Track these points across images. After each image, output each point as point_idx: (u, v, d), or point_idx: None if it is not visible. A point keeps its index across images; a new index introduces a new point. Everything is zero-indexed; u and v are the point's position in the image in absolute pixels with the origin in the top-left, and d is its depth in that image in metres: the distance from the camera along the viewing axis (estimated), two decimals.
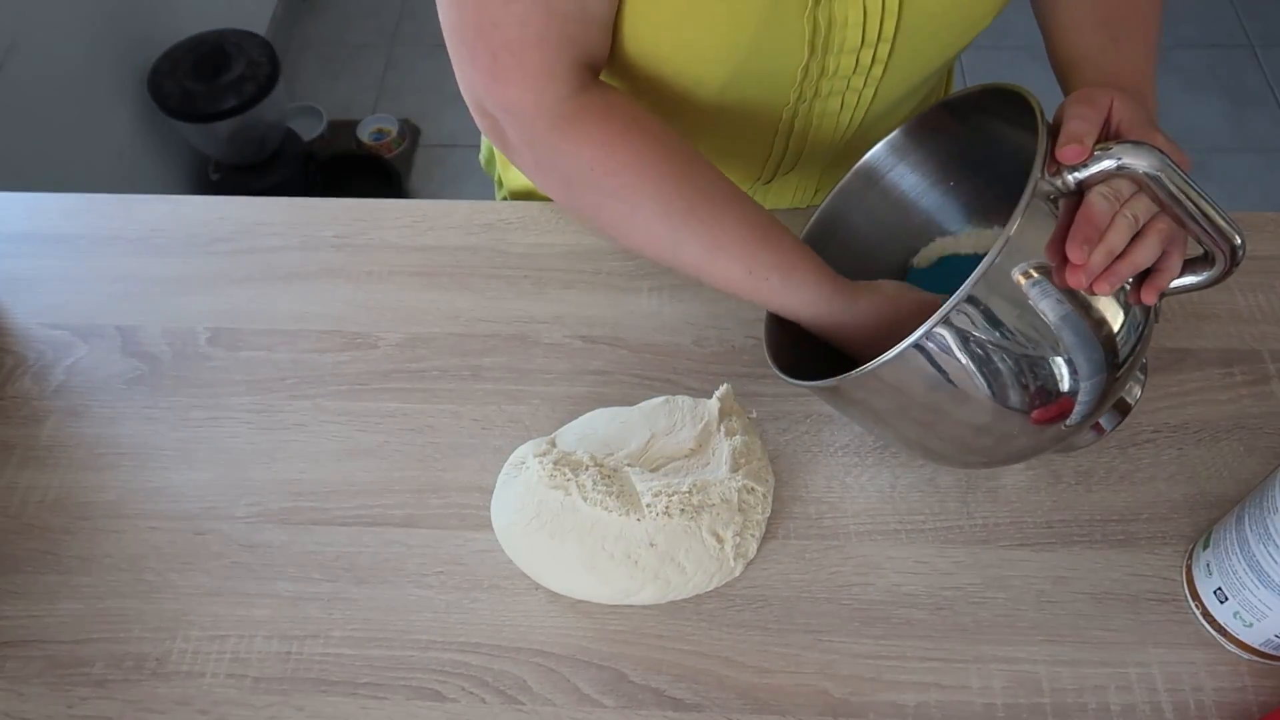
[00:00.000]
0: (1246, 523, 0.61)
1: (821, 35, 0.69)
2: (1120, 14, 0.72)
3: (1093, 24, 0.72)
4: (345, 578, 0.70)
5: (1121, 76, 0.68)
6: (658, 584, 0.66)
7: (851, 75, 0.73)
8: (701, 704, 0.64)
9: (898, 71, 0.74)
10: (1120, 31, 0.71)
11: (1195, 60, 2.45)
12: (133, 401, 0.79)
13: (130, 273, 0.87)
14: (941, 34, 0.73)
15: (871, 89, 0.76)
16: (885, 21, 0.69)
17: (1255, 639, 0.63)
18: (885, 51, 0.71)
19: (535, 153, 0.69)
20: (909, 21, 0.69)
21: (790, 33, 0.68)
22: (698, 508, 0.67)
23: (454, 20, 0.66)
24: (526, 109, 0.67)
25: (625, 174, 0.67)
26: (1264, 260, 0.84)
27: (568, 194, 0.71)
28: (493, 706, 0.64)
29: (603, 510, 0.66)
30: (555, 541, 0.67)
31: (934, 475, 0.73)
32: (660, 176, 0.67)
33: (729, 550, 0.67)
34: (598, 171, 0.67)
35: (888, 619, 0.67)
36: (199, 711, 0.65)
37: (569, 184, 0.70)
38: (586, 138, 0.67)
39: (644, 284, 0.84)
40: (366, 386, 0.79)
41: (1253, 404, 0.76)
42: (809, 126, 0.80)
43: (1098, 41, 0.71)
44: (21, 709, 0.65)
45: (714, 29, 0.68)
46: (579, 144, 0.67)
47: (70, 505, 0.74)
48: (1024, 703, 0.64)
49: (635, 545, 0.66)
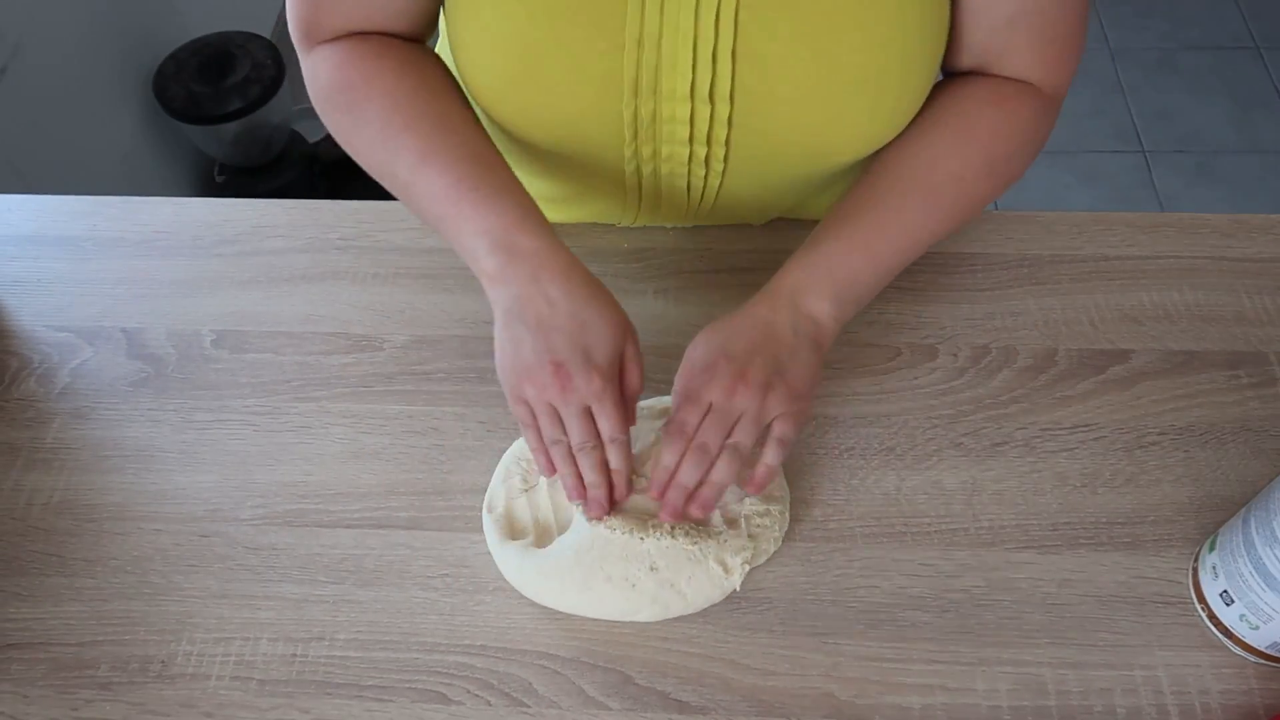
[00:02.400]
0: (1252, 525, 0.61)
1: (648, 79, 0.68)
2: (906, 183, 0.71)
3: (873, 180, 0.72)
4: (350, 580, 0.70)
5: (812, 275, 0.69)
6: (655, 607, 0.65)
7: (691, 127, 0.72)
8: (707, 706, 0.64)
9: (751, 139, 0.72)
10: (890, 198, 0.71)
11: (1200, 62, 2.44)
12: (138, 404, 0.79)
13: (135, 275, 0.87)
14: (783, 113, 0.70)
15: (720, 148, 0.73)
16: (718, 74, 0.67)
17: (1261, 641, 0.63)
18: (725, 111, 0.70)
19: (304, 73, 0.75)
20: (744, 81, 0.68)
21: (608, 78, 0.69)
22: (705, 534, 0.66)
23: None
24: (299, 30, 0.74)
25: (353, 90, 0.71)
26: (1269, 263, 0.84)
27: (319, 111, 0.75)
28: (498, 709, 0.64)
29: (605, 527, 0.66)
30: (549, 561, 0.66)
31: (939, 478, 0.73)
32: (386, 95, 0.70)
33: (735, 579, 0.66)
34: (331, 87, 0.72)
35: (893, 621, 0.67)
36: (204, 714, 0.65)
37: (316, 99, 0.75)
38: (328, 57, 0.73)
39: (649, 286, 0.84)
40: (371, 389, 0.79)
41: (1258, 406, 0.76)
42: (657, 175, 0.78)
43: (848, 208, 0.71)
44: (26, 711, 0.65)
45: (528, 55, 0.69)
46: (321, 62, 0.73)
47: (75, 508, 0.74)
48: (1030, 705, 0.64)
49: (635, 567, 0.65)
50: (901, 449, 0.75)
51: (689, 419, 0.65)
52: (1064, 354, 0.79)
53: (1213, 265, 0.84)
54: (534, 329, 0.64)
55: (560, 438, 0.65)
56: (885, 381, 0.78)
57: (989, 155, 0.71)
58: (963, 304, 0.83)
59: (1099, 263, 0.85)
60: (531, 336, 0.64)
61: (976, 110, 0.71)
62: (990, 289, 0.83)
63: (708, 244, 0.86)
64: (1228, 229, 0.87)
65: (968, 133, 0.71)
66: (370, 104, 0.71)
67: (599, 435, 0.65)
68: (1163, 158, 2.26)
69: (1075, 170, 2.24)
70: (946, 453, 0.74)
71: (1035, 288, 0.83)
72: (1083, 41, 0.71)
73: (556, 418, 0.65)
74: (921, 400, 0.77)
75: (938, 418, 0.76)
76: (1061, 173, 2.24)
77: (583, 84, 0.69)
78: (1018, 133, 0.71)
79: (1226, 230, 0.86)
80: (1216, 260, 0.85)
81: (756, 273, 0.84)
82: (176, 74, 1.90)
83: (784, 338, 0.66)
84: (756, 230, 0.87)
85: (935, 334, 0.81)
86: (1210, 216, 0.87)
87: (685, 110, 0.70)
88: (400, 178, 0.70)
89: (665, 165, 0.76)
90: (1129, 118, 2.33)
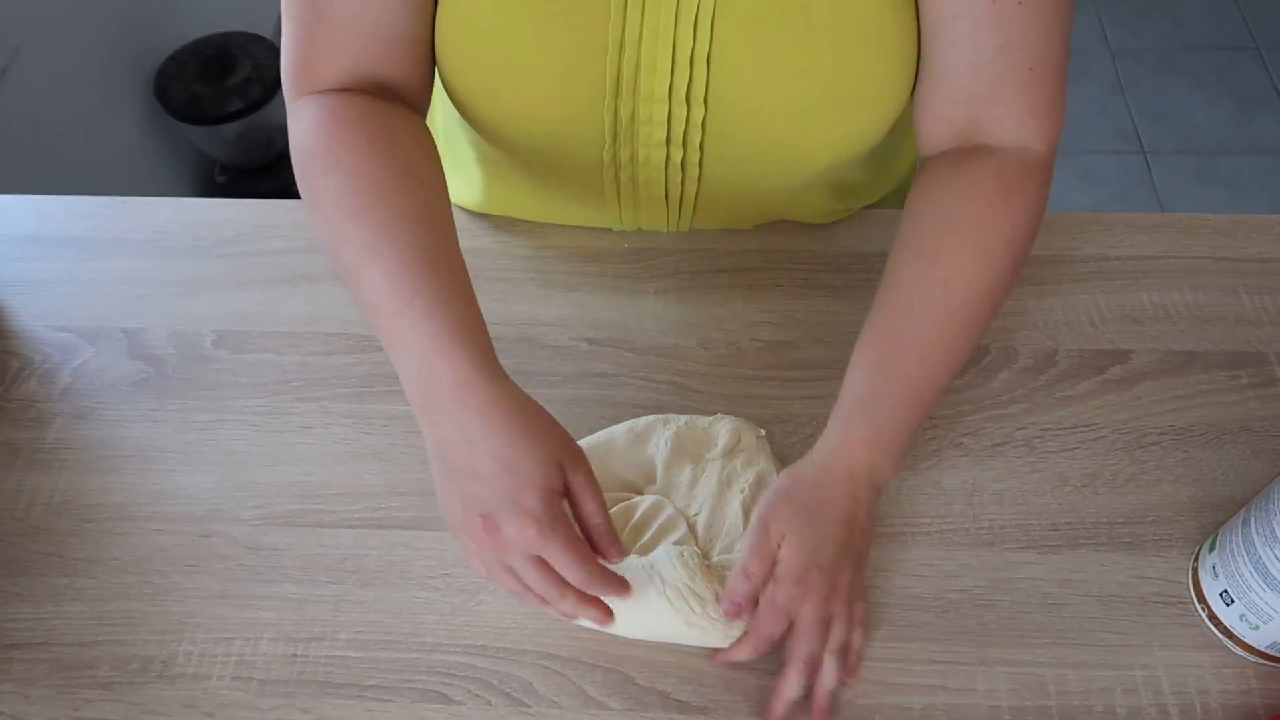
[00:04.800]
0: (1252, 525, 0.61)
1: (628, 80, 0.69)
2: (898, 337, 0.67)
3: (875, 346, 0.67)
4: (351, 580, 0.70)
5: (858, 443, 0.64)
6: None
7: (668, 129, 0.72)
8: (707, 706, 0.64)
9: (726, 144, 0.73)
10: (891, 359, 0.67)
11: (1202, 63, 2.44)
12: (139, 404, 0.79)
13: (136, 275, 0.87)
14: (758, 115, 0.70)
15: (696, 152, 0.74)
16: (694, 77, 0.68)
17: (1261, 641, 0.63)
18: (700, 115, 0.70)
19: (289, 123, 0.71)
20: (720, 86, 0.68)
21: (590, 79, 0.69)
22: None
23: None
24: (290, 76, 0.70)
25: (315, 161, 0.67)
26: (1270, 263, 0.84)
27: (295, 170, 0.70)
28: (498, 709, 0.64)
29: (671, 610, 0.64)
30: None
31: (939, 478, 0.73)
32: (344, 172, 0.65)
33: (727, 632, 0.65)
34: (300, 151, 0.68)
35: (893, 622, 0.67)
36: (205, 714, 0.65)
37: (292, 157, 0.70)
38: (308, 114, 0.68)
39: (649, 286, 0.84)
40: (372, 389, 0.79)
41: (1259, 407, 0.76)
42: (635, 180, 0.78)
43: (864, 380, 0.66)
44: (28, 711, 0.65)
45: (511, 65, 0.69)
46: (300, 119, 0.69)
47: (76, 508, 0.74)
48: (1030, 705, 0.64)
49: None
50: None
51: (777, 633, 0.62)
52: (1064, 354, 0.79)
53: (1213, 265, 0.84)
54: (457, 478, 0.60)
55: (524, 590, 0.61)
56: None
57: (1012, 254, 0.68)
58: None
59: (1099, 263, 0.85)
60: (458, 488, 0.60)
61: (990, 214, 0.68)
62: None
63: (708, 244, 0.86)
64: (1228, 229, 0.87)
65: (990, 244, 0.67)
66: (328, 180, 0.66)
67: (563, 580, 0.60)
68: (1163, 158, 2.26)
69: (1075, 170, 2.24)
70: (946, 453, 0.75)
71: (1035, 288, 0.83)
72: (1063, 93, 0.69)
73: (511, 570, 0.61)
74: None
75: (938, 418, 0.76)
76: (1061, 173, 2.22)
77: (564, 84, 0.69)
78: (1033, 219, 0.69)
79: (1226, 230, 0.86)
80: (1216, 260, 0.85)
81: (757, 273, 0.84)
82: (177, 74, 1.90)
83: (866, 527, 0.65)
84: (756, 230, 0.87)
85: None
86: (1210, 216, 0.87)
87: (663, 111, 0.71)
88: (348, 271, 0.65)
89: (643, 170, 0.77)
90: (1129, 118, 2.33)
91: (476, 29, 0.68)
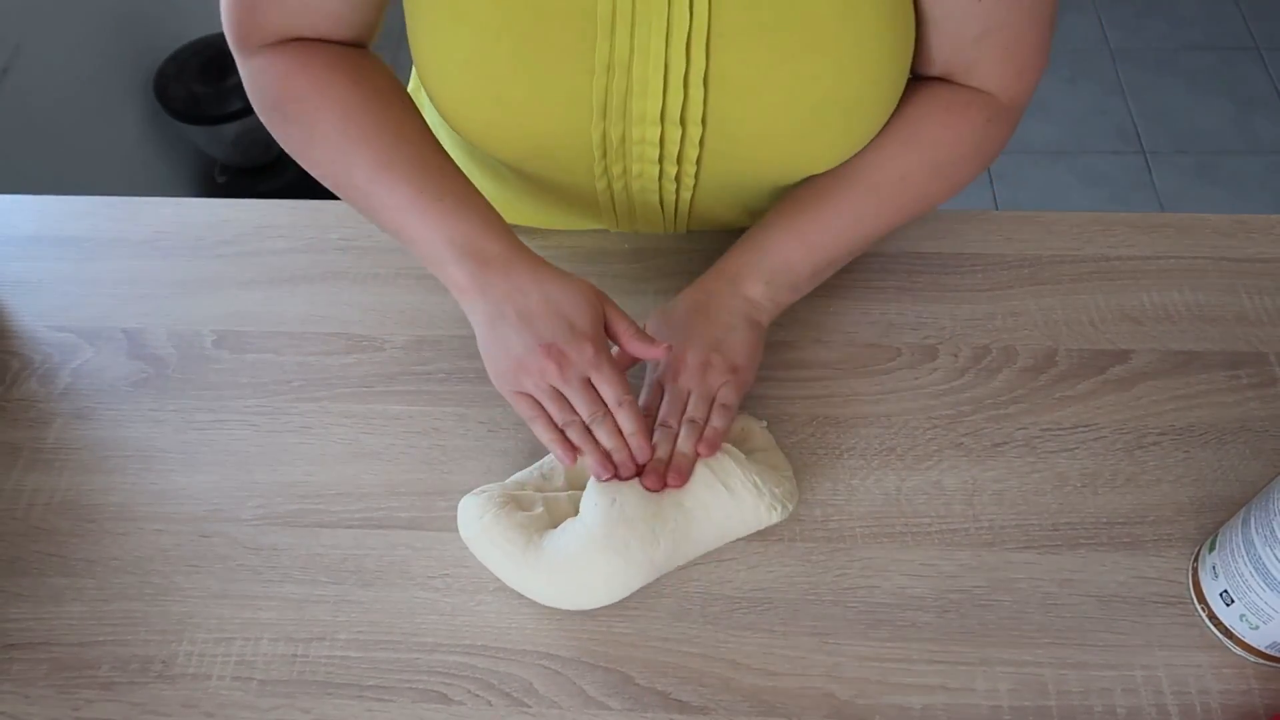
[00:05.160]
0: (1252, 525, 0.61)
1: (617, 103, 0.69)
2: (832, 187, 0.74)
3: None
4: (351, 580, 0.70)
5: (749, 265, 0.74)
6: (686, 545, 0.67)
7: (661, 148, 0.73)
8: (707, 706, 0.64)
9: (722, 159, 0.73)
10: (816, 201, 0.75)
11: (1202, 63, 2.44)
12: (139, 404, 0.79)
13: (136, 275, 0.87)
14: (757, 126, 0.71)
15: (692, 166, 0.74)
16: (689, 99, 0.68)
17: (1261, 641, 0.63)
18: (697, 134, 0.70)
19: (244, 79, 0.74)
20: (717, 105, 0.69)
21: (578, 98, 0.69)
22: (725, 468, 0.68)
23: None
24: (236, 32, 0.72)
25: (303, 101, 0.71)
26: (1271, 263, 0.84)
27: (265, 120, 0.74)
28: (498, 709, 0.64)
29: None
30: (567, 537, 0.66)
31: (940, 478, 0.73)
32: (339, 105, 0.70)
33: (768, 499, 0.68)
34: (280, 97, 0.72)
35: (893, 622, 0.67)
36: (205, 714, 0.65)
37: (261, 108, 0.74)
38: (271, 65, 0.72)
39: (649, 286, 0.84)
40: (372, 389, 0.79)
41: (1259, 407, 0.76)
42: (629, 191, 0.79)
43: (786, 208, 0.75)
44: (28, 711, 0.65)
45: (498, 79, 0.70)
46: (263, 71, 0.72)
47: (76, 508, 0.74)
48: (1030, 705, 0.64)
49: (663, 509, 0.66)
50: (902, 449, 0.75)
51: (650, 403, 0.71)
52: (1064, 354, 0.80)
53: (1213, 265, 0.84)
54: (516, 323, 0.67)
55: (572, 418, 0.67)
56: (885, 382, 0.79)
57: (935, 158, 0.74)
58: (963, 304, 0.83)
59: (1099, 263, 0.85)
60: (516, 331, 0.67)
61: (926, 116, 0.73)
62: (990, 289, 0.83)
63: (708, 244, 0.86)
64: (1228, 229, 0.87)
65: (914, 137, 0.73)
66: (323, 114, 0.70)
67: (605, 404, 0.67)
68: (1163, 158, 2.26)
69: (1075, 171, 2.24)
70: (947, 453, 0.75)
71: (1035, 288, 0.83)
72: (1045, 57, 0.73)
73: (562, 399, 0.67)
74: (922, 400, 0.77)
75: (938, 418, 0.76)
76: (1062, 173, 2.24)
77: (550, 106, 0.69)
78: (966, 137, 0.74)
79: (1226, 230, 0.86)
80: (1217, 260, 0.85)
81: None
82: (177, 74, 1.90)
83: (719, 317, 0.73)
84: None
85: (935, 334, 0.81)
86: (1210, 217, 0.87)
87: (655, 133, 0.71)
88: (359, 187, 0.71)
89: (636, 183, 0.77)
90: (1129, 118, 2.33)
91: (454, 51, 0.69)
